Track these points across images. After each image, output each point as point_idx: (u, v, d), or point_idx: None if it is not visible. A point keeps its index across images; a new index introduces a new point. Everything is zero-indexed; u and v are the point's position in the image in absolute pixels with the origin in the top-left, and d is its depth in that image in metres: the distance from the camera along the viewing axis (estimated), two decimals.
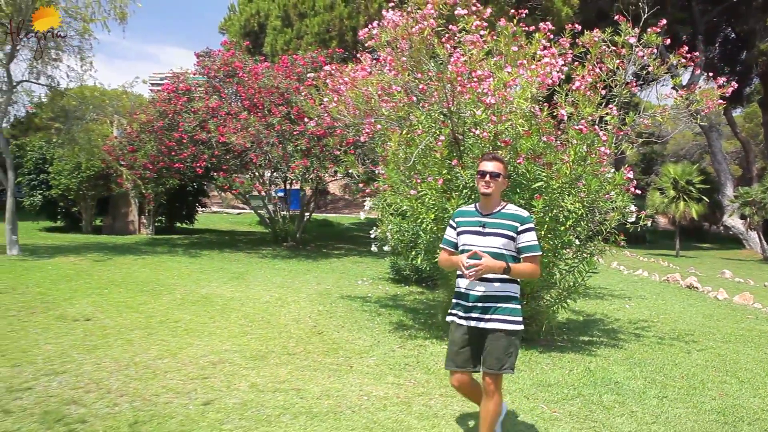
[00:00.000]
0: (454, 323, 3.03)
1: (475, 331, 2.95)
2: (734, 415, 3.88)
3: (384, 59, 5.94)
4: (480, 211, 3.05)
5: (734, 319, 7.45)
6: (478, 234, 2.98)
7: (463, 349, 2.98)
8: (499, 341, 2.89)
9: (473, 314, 2.94)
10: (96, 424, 3.37)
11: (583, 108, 5.32)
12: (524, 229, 2.97)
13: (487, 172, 2.99)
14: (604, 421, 3.68)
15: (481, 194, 3.03)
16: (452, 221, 3.17)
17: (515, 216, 2.99)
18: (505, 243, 2.94)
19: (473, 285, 2.94)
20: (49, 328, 5.66)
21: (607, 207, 5.68)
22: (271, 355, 4.99)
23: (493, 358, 2.89)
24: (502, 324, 2.89)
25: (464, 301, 2.98)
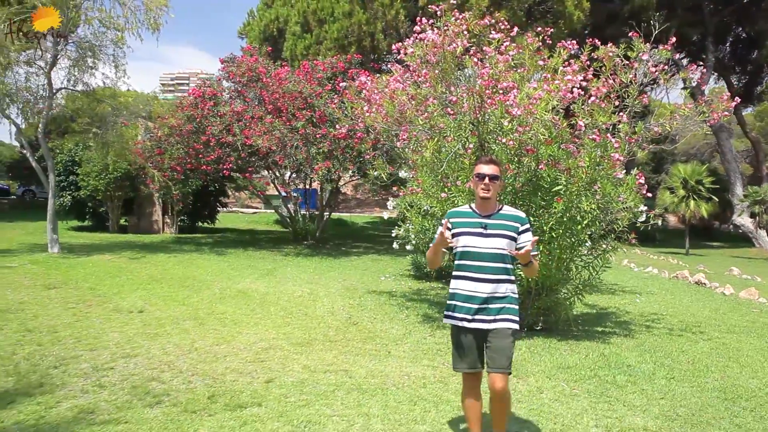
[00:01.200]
0: (460, 328, 3.02)
1: (480, 333, 2.98)
2: (734, 393, 4.37)
3: (414, 70, 6.45)
4: (478, 212, 3.08)
5: (739, 313, 7.91)
6: (479, 235, 3.01)
7: (472, 350, 3.00)
8: (506, 340, 2.93)
9: (479, 316, 2.96)
10: (178, 396, 3.92)
11: (597, 117, 5.80)
12: (524, 229, 3.05)
13: (486, 175, 3.01)
14: (617, 397, 4.19)
15: (480, 198, 3.05)
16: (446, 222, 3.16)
17: (515, 217, 3.06)
18: (507, 243, 2.99)
19: (477, 287, 2.96)
20: (109, 318, 6.23)
21: (619, 207, 6.16)
22: (315, 342, 5.53)
23: (503, 357, 2.91)
24: (506, 323, 2.95)
25: (468, 303, 2.98)
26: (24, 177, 31.80)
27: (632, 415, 3.85)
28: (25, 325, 5.70)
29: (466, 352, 3.00)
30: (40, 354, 4.77)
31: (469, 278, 2.99)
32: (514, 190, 5.80)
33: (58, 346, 5.05)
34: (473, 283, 2.98)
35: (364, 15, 15.58)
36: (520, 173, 5.80)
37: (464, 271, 3.02)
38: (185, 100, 14.25)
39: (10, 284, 7.99)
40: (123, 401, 3.79)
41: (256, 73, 13.98)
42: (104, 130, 11.86)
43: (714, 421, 3.79)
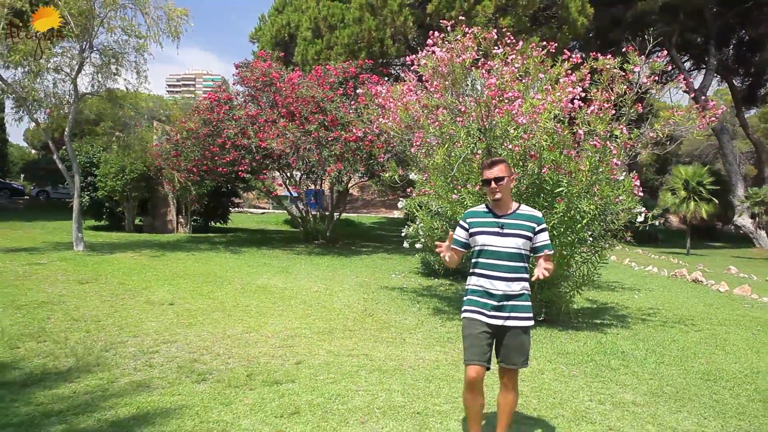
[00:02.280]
0: (475, 320, 3.09)
1: (497, 329, 3.05)
2: (716, 375, 4.85)
3: (426, 80, 6.95)
4: (494, 212, 3.15)
5: (731, 308, 8.38)
6: (497, 234, 3.08)
7: (486, 344, 3.05)
8: (520, 337, 3.05)
9: (498, 312, 3.04)
10: (221, 375, 4.43)
11: (596, 125, 6.29)
12: (540, 229, 3.11)
13: (491, 179, 3.09)
14: (611, 378, 4.68)
15: (492, 200, 3.15)
16: (463, 222, 3.24)
17: (532, 217, 3.13)
18: (523, 243, 3.06)
19: (494, 284, 3.05)
20: (144, 309, 6.76)
21: (618, 208, 6.65)
22: (335, 331, 6.04)
23: (516, 354, 3.05)
24: (522, 321, 3.05)
25: (488, 299, 3.06)
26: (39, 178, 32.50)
27: (623, 392, 4.34)
28: (70, 315, 6.23)
29: (479, 345, 3.04)
30: (90, 339, 5.29)
31: (486, 276, 3.07)
32: (519, 192, 6.29)
33: (104, 332, 5.57)
34: (490, 280, 3.05)
35: (374, 21, 16.09)
36: (525, 176, 6.29)
37: (481, 268, 3.10)
38: (201, 104, 14.79)
39: (46, 279, 8.53)
40: (173, 378, 4.30)
41: (270, 78, 14.50)
42: (126, 134, 12.38)
43: (695, 398, 4.28)
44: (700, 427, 3.71)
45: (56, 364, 4.52)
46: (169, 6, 11.78)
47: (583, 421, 3.73)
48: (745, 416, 3.94)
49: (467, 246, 3.20)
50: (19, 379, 4.13)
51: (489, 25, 16.96)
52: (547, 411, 3.89)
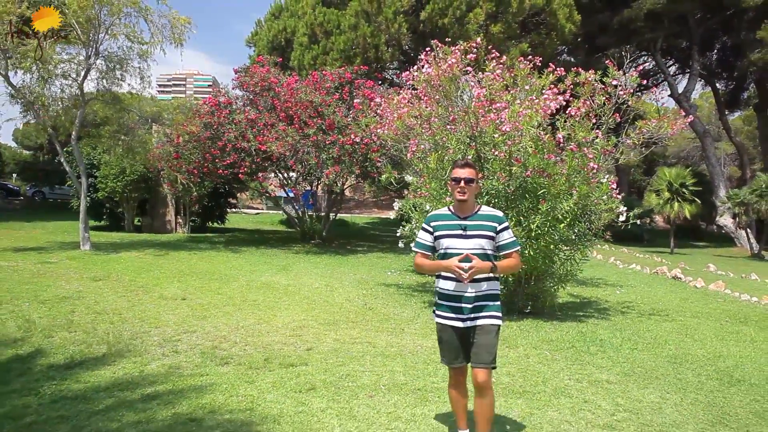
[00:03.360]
0: (447, 325, 3.14)
1: (465, 330, 3.10)
2: (683, 359, 5.44)
3: (420, 92, 7.51)
4: (457, 215, 3.16)
5: (705, 302, 9.01)
6: (460, 237, 3.09)
7: (460, 347, 3.12)
8: (489, 336, 3.06)
9: (467, 315, 3.08)
10: (241, 359, 4.95)
11: (577, 132, 6.87)
12: (502, 228, 3.13)
13: (462, 178, 3.10)
14: (589, 361, 5.25)
15: (457, 200, 3.14)
16: (427, 226, 3.23)
17: (493, 217, 3.16)
18: (487, 243, 3.09)
19: (464, 287, 3.06)
20: (159, 304, 7.25)
21: (600, 208, 7.23)
22: (339, 323, 6.57)
23: (485, 353, 3.05)
24: (490, 320, 3.08)
25: (456, 302, 3.09)
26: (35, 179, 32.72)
27: (598, 372, 4.91)
28: (92, 309, 6.71)
29: (452, 347, 3.13)
30: (116, 330, 5.78)
31: (453, 278, 3.09)
32: (506, 194, 6.86)
33: (127, 324, 6.06)
34: (456, 282, 3.08)
35: (369, 28, 16.62)
36: (511, 180, 6.85)
37: (455, 274, 3.06)
38: (202, 108, 15.26)
39: (61, 276, 8.99)
40: (198, 362, 4.82)
41: (269, 83, 14.99)
42: (131, 137, 12.84)
43: (661, 377, 4.86)
44: (663, 399, 4.28)
45: (91, 350, 5.01)
46: (173, 14, 12.26)
47: (562, 396, 4.29)
48: (702, 391, 4.53)
49: (434, 249, 3.20)
50: (62, 362, 4.62)
51: (480, 32, 17.58)
52: (532, 387, 4.45)
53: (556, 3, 19.48)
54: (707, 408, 4.16)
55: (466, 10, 17.21)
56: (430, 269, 3.24)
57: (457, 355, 3.14)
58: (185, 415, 3.61)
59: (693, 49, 26.05)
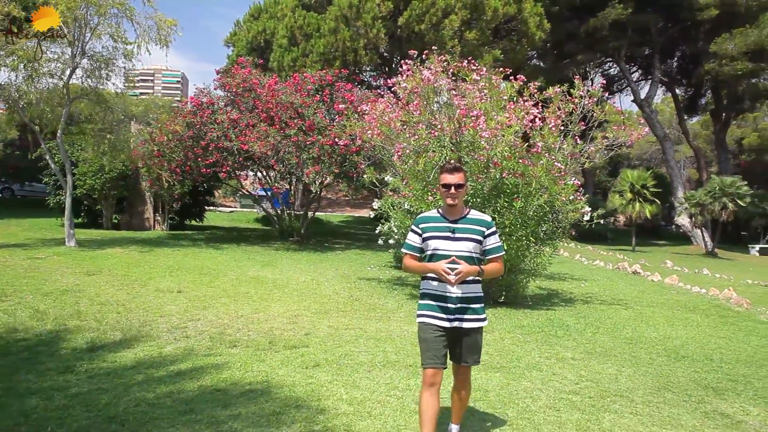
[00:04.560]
0: (431, 324, 3.14)
1: (454, 331, 3.12)
2: (637, 340, 6.19)
3: (402, 98, 8.11)
4: (446, 217, 3.19)
5: (660, 293, 9.87)
6: (448, 239, 3.11)
7: (442, 347, 3.12)
8: (476, 338, 3.16)
9: (454, 315, 3.10)
10: (247, 342, 5.46)
11: (547, 138, 7.58)
12: (490, 232, 3.18)
13: (452, 184, 3.12)
14: (556, 342, 5.94)
15: (448, 205, 3.18)
16: (416, 227, 3.25)
17: (482, 221, 3.19)
18: (474, 246, 3.11)
19: (449, 288, 3.08)
20: (158, 296, 7.67)
21: (567, 208, 7.97)
22: (330, 312, 7.13)
23: (472, 354, 3.17)
24: (476, 323, 3.14)
25: (443, 302, 3.11)
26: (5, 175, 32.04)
27: (564, 351, 5.60)
28: (95, 300, 7.10)
29: (435, 348, 3.10)
30: (125, 319, 6.22)
31: (440, 279, 3.10)
32: (483, 194, 7.51)
33: (133, 313, 6.49)
34: (444, 284, 3.10)
35: (348, 32, 17.16)
36: (488, 181, 7.52)
37: (442, 278, 3.07)
38: (184, 107, 15.56)
39: (55, 271, 9.28)
40: (209, 345, 5.32)
41: (250, 84, 15.38)
42: (116, 135, 13.09)
43: (618, 355, 5.58)
44: (619, 372, 4.99)
45: (107, 336, 5.46)
46: (160, 17, 12.54)
47: (534, 370, 4.95)
48: (652, 365, 5.26)
49: (422, 251, 3.22)
50: (85, 346, 5.07)
51: (455, 38, 18.31)
52: (507, 364, 5.10)
53: (527, 11, 20.35)
54: (655, 378, 4.88)
55: (442, 16, 17.90)
56: (418, 270, 3.23)
57: (439, 355, 3.10)
58: (210, 387, 4.13)
59: (654, 57, 27.36)
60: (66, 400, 3.77)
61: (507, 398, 4.19)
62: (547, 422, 3.76)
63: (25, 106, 12.26)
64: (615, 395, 4.37)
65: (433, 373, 3.10)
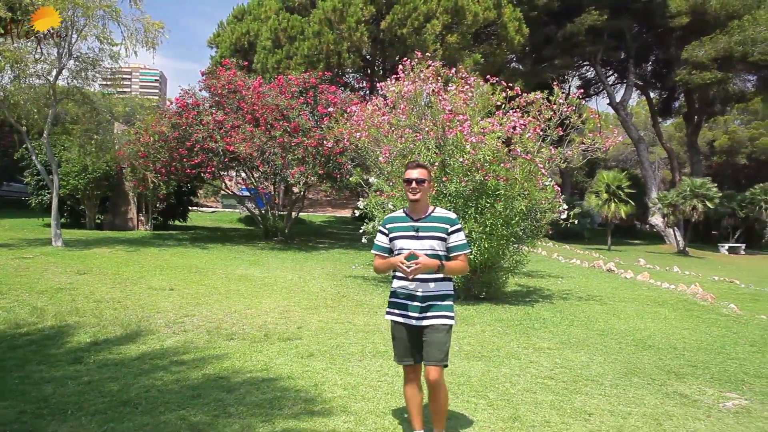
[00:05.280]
0: (399, 323, 3.22)
1: (417, 329, 3.16)
2: (608, 332, 6.63)
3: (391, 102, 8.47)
4: (411, 216, 3.21)
5: (632, 289, 10.38)
6: (412, 238, 3.14)
7: (413, 344, 3.19)
8: (439, 334, 3.12)
9: (417, 313, 3.14)
10: (243, 336, 5.76)
11: (527, 143, 8.00)
12: (454, 230, 3.18)
13: (413, 179, 3.14)
14: (533, 334, 6.35)
15: (410, 201, 3.20)
16: (383, 228, 3.30)
17: (446, 219, 3.20)
18: (438, 244, 3.13)
19: (415, 286, 3.14)
20: (151, 294, 7.90)
21: (545, 208, 8.40)
22: (319, 307, 7.45)
23: (435, 350, 3.11)
24: (442, 320, 3.13)
25: (408, 301, 3.17)
26: None
27: (541, 342, 6.01)
28: (91, 298, 7.31)
29: (405, 346, 3.20)
30: (122, 315, 6.45)
31: (404, 277, 3.15)
32: (465, 195, 7.90)
33: (130, 310, 6.73)
34: (407, 281, 3.16)
35: (332, 35, 17.46)
36: (470, 183, 7.90)
37: (401, 271, 3.13)
38: (169, 108, 15.71)
39: (45, 271, 9.43)
40: (207, 338, 5.60)
41: (235, 86, 15.60)
42: (102, 136, 13.21)
43: (591, 345, 6.00)
44: (591, 360, 5.41)
45: (108, 331, 5.70)
46: (147, 20, 12.71)
47: (513, 358, 5.34)
48: (621, 354, 5.69)
49: (390, 251, 3.26)
50: (88, 340, 5.32)
51: (437, 41, 18.73)
52: (488, 353, 5.48)
53: (507, 16, 20.89)
54: (623, 364, 5.31)
55: (424, 21, 18.31)
56: (384, 268, 3.31)
57: (408, 353, 3.21)
58: (214, 375, 4.43)
59: (629, 61, 28.15)
60: (80, 387, 4.04)
61: (488, 383, 4.56)
62: (524, 403, 4.14)
63: (12, 106, 12.32)
64: (586, 380, 4.78)
65: (409, 369, 3.26)
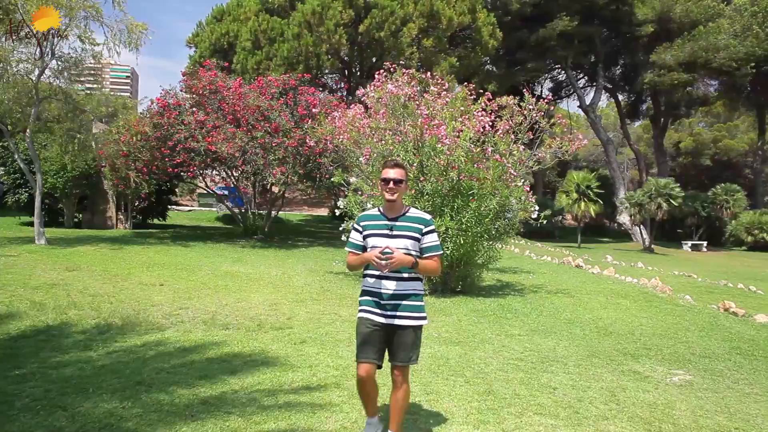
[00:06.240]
0: (368, 319, 3.16)
1: (387, 328, 3.12)
2: (574, 321, 7.23)
3: (371, 107, 8.94)
4: (385, 215, 3.20)
5: (598, 283, 11.06)
6: (386, 236, 3.12)
7: (377, 343, 3.12)
8: (408, 336, 3.11)
9: (387, 312, 3.11)
10: (238, 325, 6.16)
11: (499, 145, 8.56)
12: (428, 230, 3.17)
13: (391, 179, 3.13)
14: (505, 323, 6.90)
15: (386, 200, 3.17)
16: (357, 225, 3.27)
17: (420, 219, 3.19)
18: (412, 244, 3.12)
19: (385, 284, 3.11)
20: (143, 289, 8.22)
21: (516, 208, 8.97)
22: (306, 300, 7.88)
23: (402, 352, 3.11)
24: (411, 320, 3.12)
25: (378, 298, 3.14)
26: None
27: (512, 329, 6.56)
28: (85, 293, 7.61)
29: (371, 344, 3.13)
30: (120, 308, 6.78)
31: (378, 276, 3.14)
32: (442, 194, 8.41)
33: (125, 304, 7.06)
34: (380, 281, 3.13)
35: (311, 38, 17.84)
36: (446, 182, 8.42)
37: (373, 269, 3.12)
38: (150, 109, 15.90)
39: (35, 267, 9.64)
40: (204, 328, 6.00)
41: (216, 87, 15.85)
42: (85, 135, 13.38)
43: (558, 332, 6.58)
44: (557, 344, 5.97)
45: (109, 323, 6.04)
46: (131, 21, 12.94)
47: (486, 344, 5.86)
48: (584, 339, 6.28)
49: (364, 248, 3.22)
50: (93, 330, 5.66)
51: (413, 45, 19.26)
52: (464, 339, 6.01)
53: (481, 21, 21.54)
54: (586, 348, 5.89)
55: (401, 25, 18.81)
56: (357, 264, 3.25)
57: (373, 350, 3.12)
58: (216, 358, 4.85)
59: (599, 65, 29.14)
60: (95, 370, 4.42)
61: (465, 364, 5.08)
62: (497, 380, 4.66)
63: None
64: (552, 361, 5.33)
65: (364, 369, 3.12)
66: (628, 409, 4.12)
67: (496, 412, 3.90)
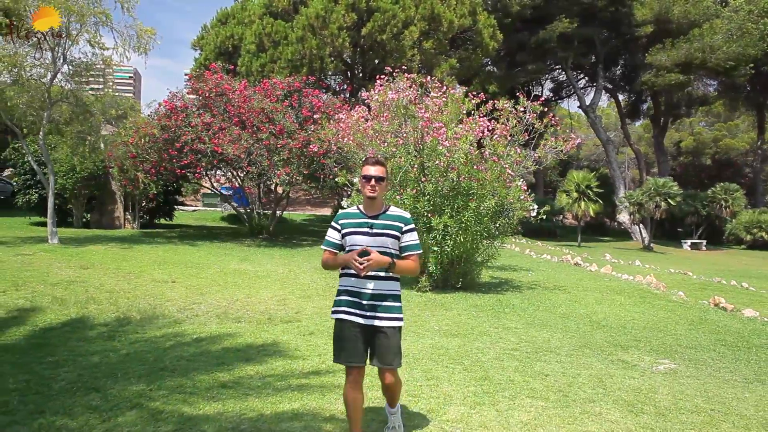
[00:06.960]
0: (346, 321, 3.11)
1: (368, 329, 3.07)
2: (569, 315, 7.56)
3: (374, 110, 9.29)
4: (365, 213, 3.15)
5: (595, 281, 11.39)
6: (366, 234, 3.07)
7: (359, 344, 3.07)
8: (392, 338, 3.08)
9: (366, 312, 3.06)
10: (249, 319, 6.52)
11: (497, 147, 8.90)
12: (408, 229, 3.14)
13: (372, 176, 3.07)
14: (503, 317, 7.24)
15: (366, 197, 3.11)
16: (335, 224, 3.21)
17: (400, 217, 3.16)
18: (391, 242, 3.09)
19: (363, 284, 3.06)
20: (156, 285, 8.59)
21: (515, 207, 9.31)
22: (312, 296, 8.23)
23: (389, 354, 3.07)
24: (391, 321, 3.08)
25: (356, 298, 3.09)
26: None
27: (509, 323, 6.91)
28: (102, 289, 7.98)
29: (349, 345, 3.07)
30: (137, 303, 7.15)
31: (353, 274, 3.09)
32: (443, 194, 8.75)
33: (141, 299, 7.43)
34: (359, 280, 3.08)
35: (315, 41, 18.19)
36: (446, 183, 8.76)
37: (351, 268, 3.04)
38: (158, 111, 16.29)
39: (51, 265, 10.01)
40: (218, 321, 6.36)
41: (222, 89, 16.22)
42: (95, 138, 13.76)
43: (553, 325, 6.92)
44: (551, 336, 6.32)
45: (128, 316, 6.40)
46: (140, 26, 13.30)
47: (484, 336, 6.21)
48: (578, 332, 6.62)
49: (341, 247, 3.19)
50: (114, 323, 6.03)
51: (414, 47, 19.60)
52: (463, 332, 6.35)
53: (482, 23, 21.86)
54: (579, 340, 6.23)
55: (402, 27, 19.15)
56: (333, 265, 3.18)
57: (356, 353, 3.08)
58: (231, 348, 5.20)
59: (599, 65, 29.43)
60: (120, 357, 4.78)
61: (463, 354, 5.42)
62: (493, 367, 5.00)
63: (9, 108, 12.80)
64: (546, 351, 5.67)
65: (352, 371, 3.10)
66: (613, 393, 4.46)
67: (491, 396, 4.24)
